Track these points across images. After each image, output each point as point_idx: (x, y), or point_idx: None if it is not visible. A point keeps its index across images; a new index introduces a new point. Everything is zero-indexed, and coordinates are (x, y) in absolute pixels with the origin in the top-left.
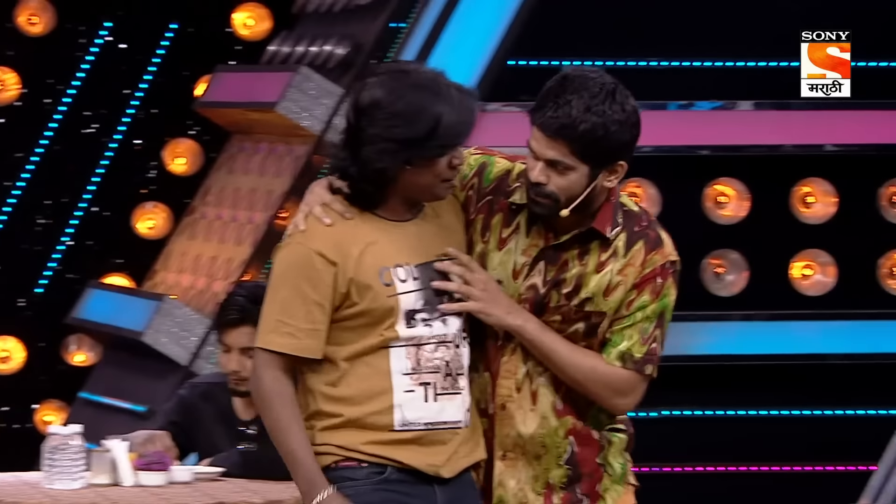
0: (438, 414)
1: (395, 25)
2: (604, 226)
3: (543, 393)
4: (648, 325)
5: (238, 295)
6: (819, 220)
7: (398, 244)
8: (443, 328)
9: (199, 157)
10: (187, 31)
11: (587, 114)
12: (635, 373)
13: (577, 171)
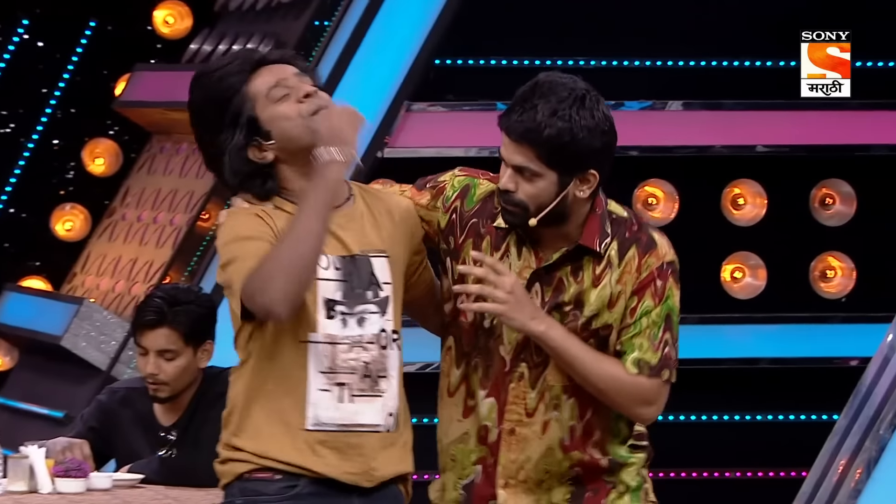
0: (353, 416)
1: (319, 24)
2: (592, 240)
3: (554, 427)
4: (656, 330)
5: (156, 297)
6: (749, 221)
7: None
8: (358, 329)
9: (118, 157)
10: (106, 28)
11: (552, 118)
12: (655, 379)
13: (545, 179)
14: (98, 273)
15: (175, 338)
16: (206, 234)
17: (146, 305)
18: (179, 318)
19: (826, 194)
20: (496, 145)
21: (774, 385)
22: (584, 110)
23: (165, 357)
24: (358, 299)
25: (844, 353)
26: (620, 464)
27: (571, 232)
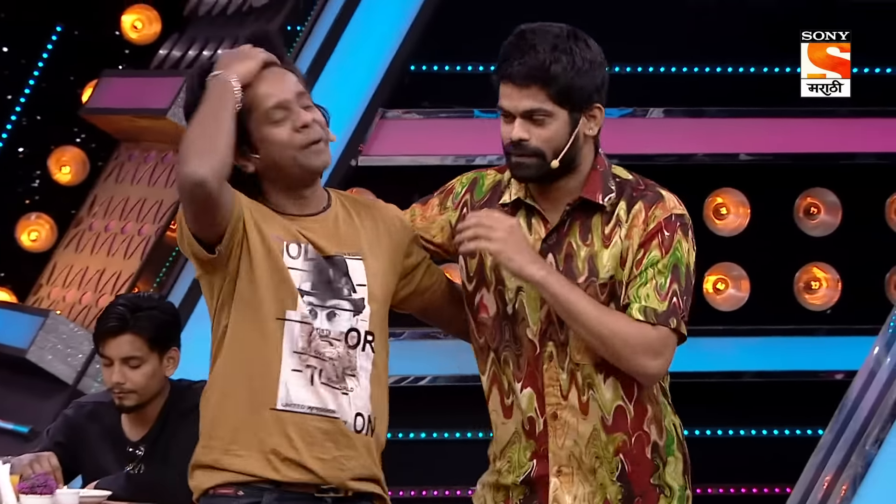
0: (323, 401)
1: (291, 28)
2: (594, 193)
3: (593, 406)
4: (663, 279)
5: (117, 304)
6: (732, 231)
7: (294, 235)
8: (327, 324)
9: (85, 165)
10: (73, 33)
11: (555, 52)
12: (662, 327)
13: (557, 119)
14: (64, 285)
15: (139, 344)
16: (175, 244)
17: (107, 314)
18: (142, 324)
19: (811, 203)
20: (474, 153)
21: (758, 399)
22: (580, 42)
23: (130, 364)
24: (331, 294)
25: (829, 366)
26: (664, 460)
27: (575, 189)
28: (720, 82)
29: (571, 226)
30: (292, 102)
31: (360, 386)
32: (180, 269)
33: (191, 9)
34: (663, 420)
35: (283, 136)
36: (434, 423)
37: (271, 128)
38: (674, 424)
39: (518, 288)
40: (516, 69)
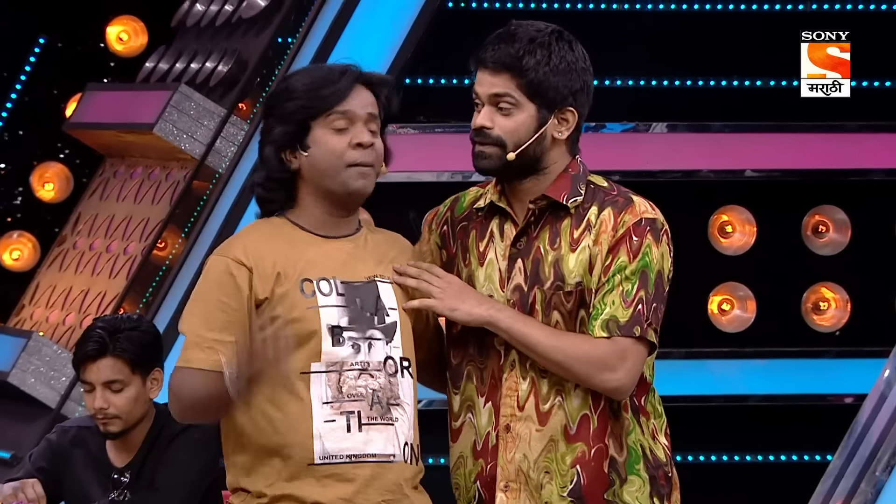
0: (365, 445)
1: (282, 41)
2: (559, 193)
3: (557, 415)
4: (630, 286)
5: (96, 327)
6: (738, 250)
7: (324, 258)
8: (366, 355)
9: (69, 182)
10: (56, 45)
11: (531, 44)
12: (624, 339)
13: (524, 111)
14: (47, 305)
15: (120, 366)
16: (163, 263)
17: (86, 338)
18: (122, 346)
19: (819, 221)
20: (471, 170)
21: (764, 424)
22: (562, 41)
23: (113, 388)
24: (366, 324)
25: (839, 389)
26: (623, 477)
27: (544, 190)
28: (726, 96)
29: (541, 230)
30: (359, 118)
31: (405, 414)
32: (167, 289)
33: (178, 20)
34: (625, 437)
35: (337, 146)
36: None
37: (329, 133)
38: (642, 445)
39: (489, 296)
40: (489, 54)
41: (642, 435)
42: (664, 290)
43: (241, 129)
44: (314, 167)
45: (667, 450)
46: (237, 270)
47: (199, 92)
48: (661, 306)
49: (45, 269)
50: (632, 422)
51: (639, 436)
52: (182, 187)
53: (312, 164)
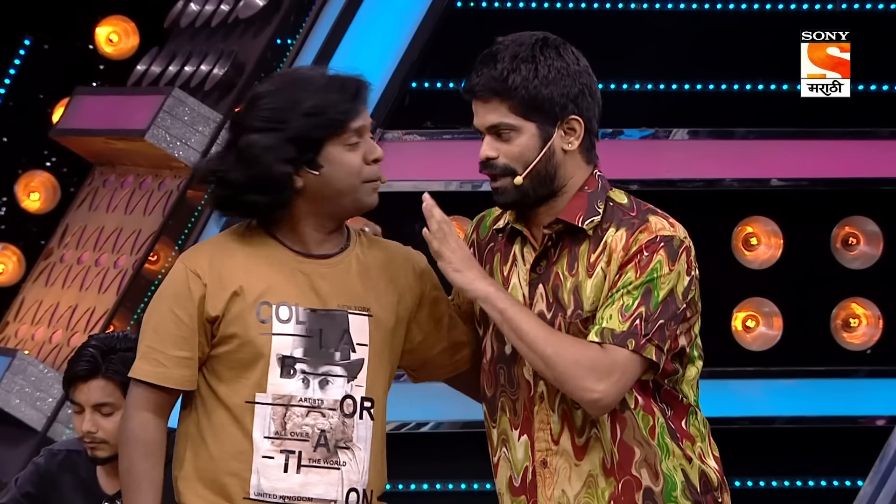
0: (301, 488)
1: (281, 42)
2: (574, 215)
3: (594, 448)
4: (630, 300)
5: (89, 346)
6: (764, 264)
7: (295, 281)
8: (320, 392)
9: (55, 192)
10: (43, 47)
11: (514, 61)
12: (617, 349)
13: (524, 133)
14: (33, 322)
15: (111, 389)
16: (155, 277)
17: (78, 357)
18: (115, 367)
19: (849, 233)
20: (481, 178)
21: (791, 447)
22: (548, 49)
23: (102, 412)
24: (323, 359)
25: (870, 411)
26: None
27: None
28: (750, 100)
29: (560, 254)
30: (366, 130)
31: (355, 459)
32: None
33: (172, 20)
34: (659, 464)
35: (354, 164)
36: (437, 474)
37: (344, 150)
38: (684, 470)
39: None
40: (475, 82)
41: (684, 460)
42: (678, 308)
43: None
44: (328, 186)
45: (718, 473)
46: (193, 283)
47: (194, 96)
48: (670, 325)
49: (30, 283)
50: (666, 447)
51: (679, 461)
52: (175, 197)
53: (326, 182)
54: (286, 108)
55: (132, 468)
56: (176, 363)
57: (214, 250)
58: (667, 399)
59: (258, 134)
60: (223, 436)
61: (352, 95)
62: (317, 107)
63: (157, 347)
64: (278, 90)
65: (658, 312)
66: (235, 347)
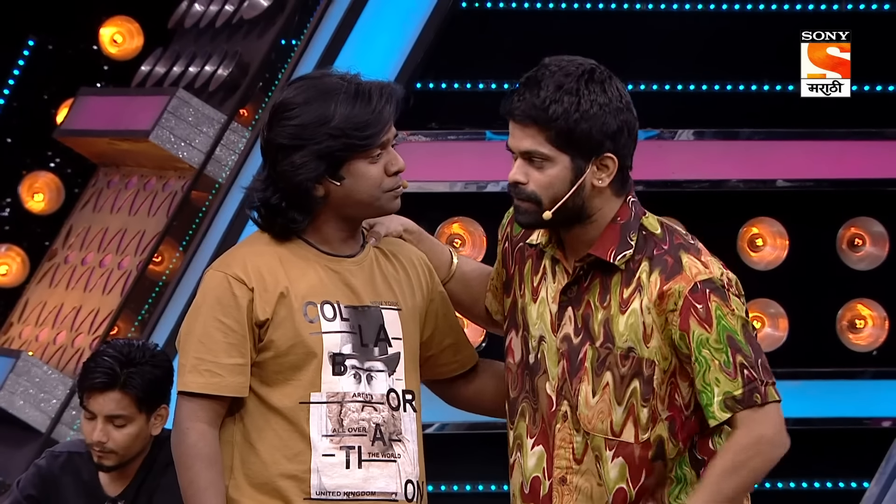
0: (364, 483)
1: (285, 43)
2: (606, 250)
3: (609, 470)
4: (724, 356)
5: (106, 355)
6: (769, 265)
7: (330, 280)
8: (368, 387)
9: (60, 193)
10: (47, 48)
11: (558, 92)
12: (751, 411)
13: (557, 164)
14: (37, 323)
15: (127, 402)
16: (159, 279)
17: (96, 365)
18: (133, 381)
19: (855, 234)
20: (486, 179)
21: (797, 449)
22: (593, 84)
23: (115, 423)
24: (366, 354)
25: (876, 412)
26: None
27: (592, 241)
28: (756, 100)
29: (591, 282)
30: (391, 142)
31: (406, 451)
32: (164, 306)
33: (176, 21)
34: (667, 497)
35: (376, 176)
36: (443, 475)
37: (367, 164)
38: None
39: (541, 337)
40: (516, 105)
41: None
42: (754, 340)
43: (242, 136)
44: (349, 197)
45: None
46: (238, 289)
47: (198, 97)
48: (761, 359)
49: (34, 284)
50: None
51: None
52: (180, 198)
53: (348, 194)
54: (313, 123)
55: (197, 480)
56: (230, 371)
57: (249, 255)
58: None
59: (285, 151)
60: (275, 440)
61: (379, 112)
62: (342, 127)
63: (208, 358)
64: (306, 103)
65: (750, 353)
66: (286, 350)
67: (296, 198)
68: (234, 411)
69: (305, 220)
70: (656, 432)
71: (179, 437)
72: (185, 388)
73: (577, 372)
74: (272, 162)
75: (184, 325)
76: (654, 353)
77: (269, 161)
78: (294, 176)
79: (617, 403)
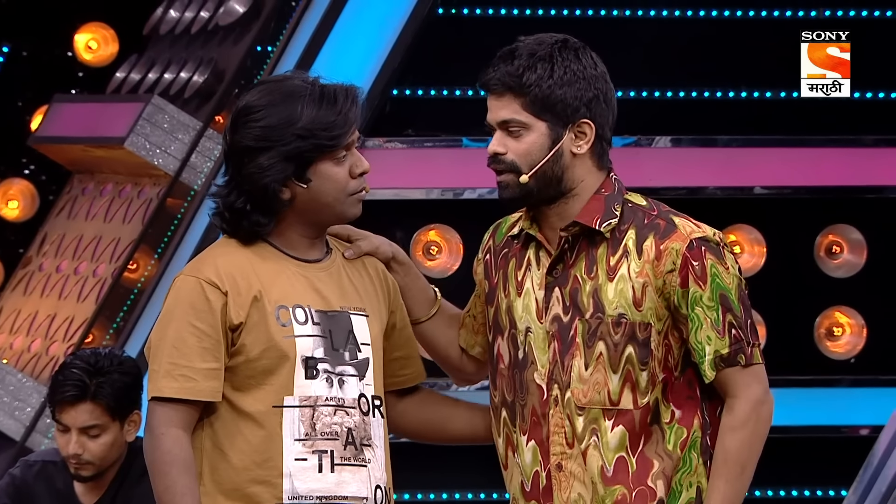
0: (336, 487)
1: (261, 49)
2: (591, 217)
3: (592, 454)
4: (715, 314)
5: (74, 367)
6: (747, 272)
7: (301, 284)
8: (340, 391)
9: (34, 200)
10: (21, 54)
11: (532, 59)
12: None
13: (534, 131)
14: (11, 331)
15: (99, 412)
16: (134, 286)
17: (65, 378)
18: (104, 391)
19: (833, 242)
20: (462, 186)
21: (774, 457)
22: (567, 51)
23: (90, 434)
24: (338, 359)
25: (854, 420)
26: None
27: (576, 215)
28: (733, 107)
29: (577, 258)
30: (354, 144)
31: (376, 457)
32: (139, 313)
33: (151, 27)
34: (673, 474)
35: (342, 178)
36: (437, 484)
37: (333, 165)
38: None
39: (527, 329)
40: (490, 76)
41: (704, 478)
42: (747, 299)
43: (217, 143)
44: (314, 199)
45: None
46: (211, 293)
47: (174, 104)
48: (751, 318)
49: (8, 292)
50: (689, 461)
51: (699, 478)
52: (155, 205)
53: (312, 196)
54: (281, 125)
55: (174, 486)
56: (205, 375)
57: (221, 259)
58: (711, 413)
59: (251, 153)
60: (246, 445)
61: (345, 113)
62: (310, 128)
63: (182, 363)
64: (271, 105)
65: (740, 313)
66: (258, 354)
67: (261, 200)
68: (203, 417)
69: (270, 223)
70: (654, 395)
71: (154, 443)
72: (160, 393)
73: (569, 349)
74: (237, 165)
75: (154, 331)
76: (649, 316)
77: (233, 164)
78: (261, 178)
79: (612, 372)
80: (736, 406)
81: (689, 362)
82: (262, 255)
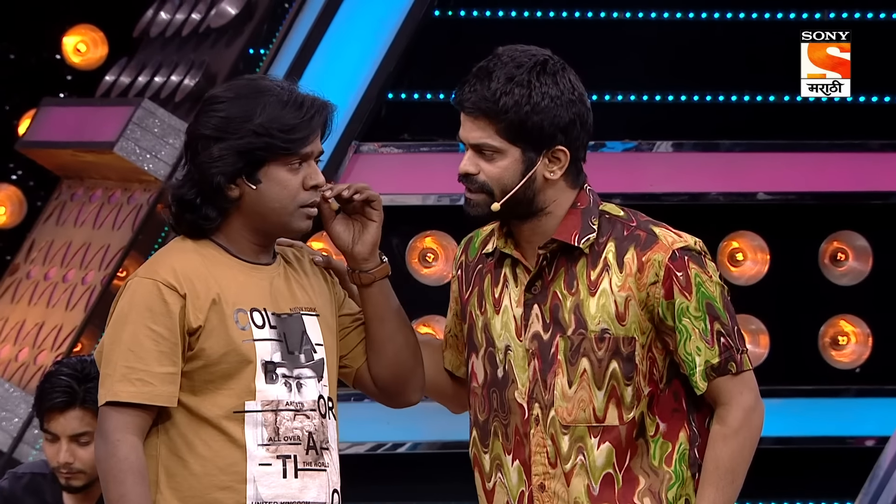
0: (300, 492)
1: (254, 52)
2: (569, 234)
3: (578, 474)
4: (703, 324)
5: (61, 374)
6: (750, 280)
7: (254, 287)
8: (299, 395)
9: (22, 206)
10: (9, 57)
11: (509, 84)
12: (728, 380)
13: (508, 156)
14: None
15: (89, 418)
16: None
17: (52, 386)
18: (92, 396)
19: (838, 249)
20: (458, 192)
21: (778, 468)
22: (545, 75)
23: (80, 442)
24: (294, 362)
25: (859, 431)
26: None
27: (552, 231)
28: (736, 112)
29: (556, 272)
30: (312, 156)
31: (332, 460)
32: None
33: (141, 30)
34: (664, 492)
35: (292, 186)
36: (415, 495)
37: (285, 171)
38: (685, 498)
39: (507, 347)
40: (466, 97)
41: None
42: (731, 306)
43: None
44: (261, 203)
45: None
46: (169, 296)
47: (164, 107)
48: (737, 324)
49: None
50: (681, 475)
51: (688, 490)
52: (145, 211)
53: (260, 199)
54: (238, 118)
55: (129, 495)
56: (162, 380)
57: (178, 261)
58: (700, 424)
59: (206, 142)
60: (206, 451)
61: (307, 120)
62: (267, 126)
63: (139, 366)
64: (236, 98)
65: (727, 321)
66: (217, 358)
67: (209, 194)
68: (157, 423)
69: (217, 220)
70: (640, 409)
71: (109, 450)
72: (115, 397)
73: (551, 367)
74: (192, 154)
75: (107, 335)
76: (633, 330)
77: (189, 154)
78: (209, 168)
79: (597, 388)
80: (728, 414)
81: (675, 374)
82: (214, 258)
